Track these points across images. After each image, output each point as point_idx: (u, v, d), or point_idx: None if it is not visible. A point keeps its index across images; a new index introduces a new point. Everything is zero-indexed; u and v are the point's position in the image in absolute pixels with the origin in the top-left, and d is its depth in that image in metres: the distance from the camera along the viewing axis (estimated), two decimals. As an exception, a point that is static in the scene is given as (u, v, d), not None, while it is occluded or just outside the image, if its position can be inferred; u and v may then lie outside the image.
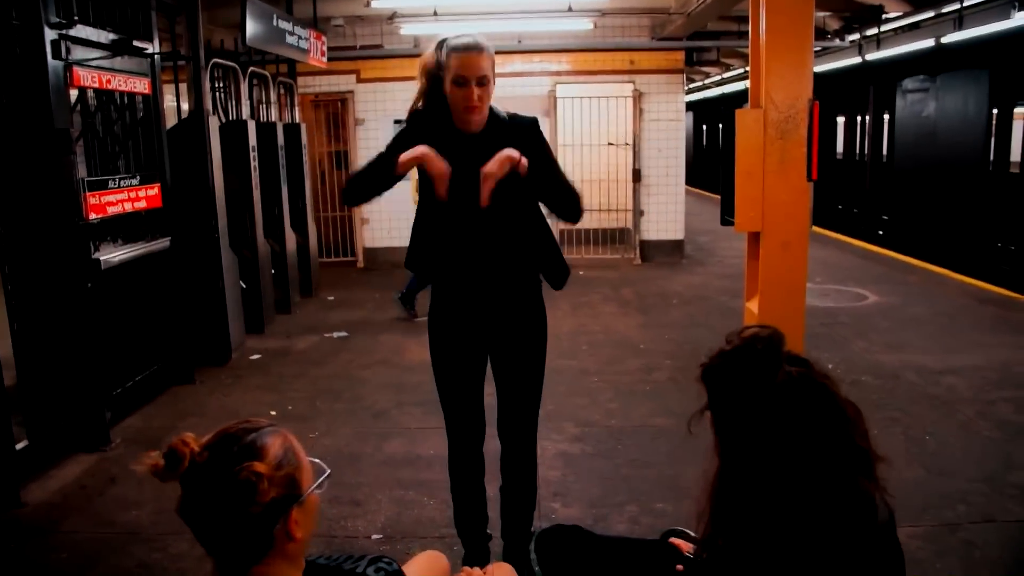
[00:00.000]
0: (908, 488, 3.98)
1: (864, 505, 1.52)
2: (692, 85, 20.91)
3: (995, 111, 11.23)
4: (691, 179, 13.77)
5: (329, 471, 1.62)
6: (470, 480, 3.23)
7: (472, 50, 2.78)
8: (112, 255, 4.95)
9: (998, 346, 6.53)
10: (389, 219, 11.09)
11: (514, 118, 2.96)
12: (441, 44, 2.88)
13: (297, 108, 9.31)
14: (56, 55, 4.42)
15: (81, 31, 4.65)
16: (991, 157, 11.42)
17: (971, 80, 11.56)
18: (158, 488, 1.51)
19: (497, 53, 2.91)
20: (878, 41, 12.18)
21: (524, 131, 2.91)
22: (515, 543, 3.24)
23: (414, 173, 2.96)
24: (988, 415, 5.01)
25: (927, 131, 12.81)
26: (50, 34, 4.39)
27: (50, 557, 3.55)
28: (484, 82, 2.78)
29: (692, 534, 2.14)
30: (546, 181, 2.87)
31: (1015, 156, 11.10)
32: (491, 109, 2.88)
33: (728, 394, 1.57)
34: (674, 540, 2.09)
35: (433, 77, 2.90)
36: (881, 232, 14.19)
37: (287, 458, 1.52)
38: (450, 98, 2.82)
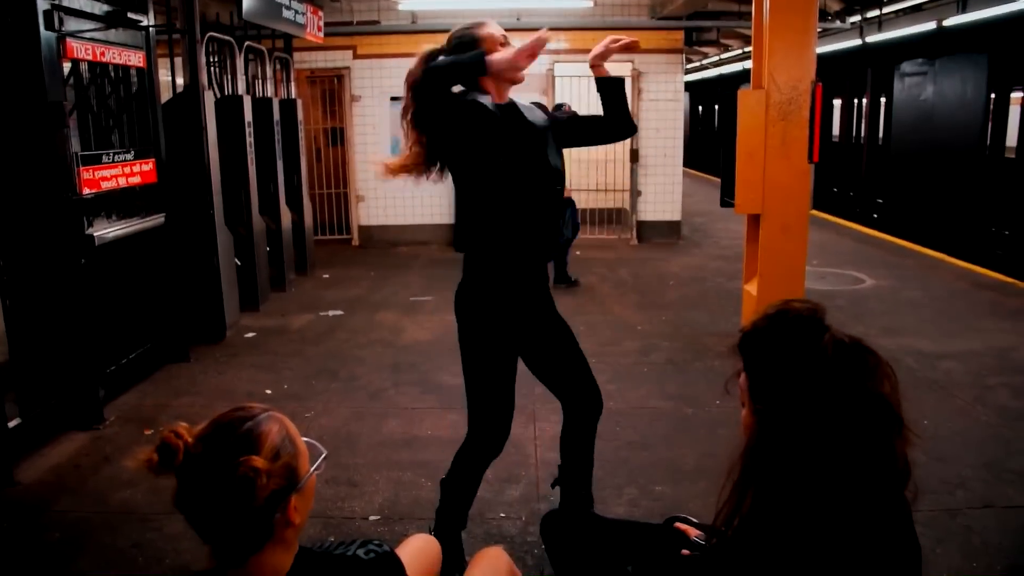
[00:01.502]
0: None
1: (899, 477, 1.49)
2: (689, 66, 20.79)
3: (993, 95, 11.20)
4: (687, 160, 13.71)
5: (326, 452, 1.59)
6: (474, 486, 3.20)
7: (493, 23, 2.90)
8: (106, 231, 4.89)
9: (995, 331, 6.52)
10: (384, 197, 11.04)
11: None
12: (430, 56, 2.82)
13: (293, 84, 9.21)
14: (49, 26, 4.34)
15: (74, 2, 4.57)
16: (988, 142, 11.40)
17: (970, 64, 11.51)
18: (152, 467, 1.48)
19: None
20: (879, 23, 12.10)
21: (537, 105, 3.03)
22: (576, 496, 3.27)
23: None
24: (986, 400, 5.00)
25: (924, 115, 12.77)
26: (42, 4, 4.29)
27: (43, 536, 3.52)
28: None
29: (695, 520, 2.12)
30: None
31: (1011, 141, 11.07)
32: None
33: (776, 358, 1.54)
34: (679, 525, 2.06)
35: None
36: (876, 216, 14.18)
37: (284, 447, 1.48)
38: (501, 61, 2.67)
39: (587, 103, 10.63)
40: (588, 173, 11.23)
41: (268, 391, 5.31)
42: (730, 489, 1.54)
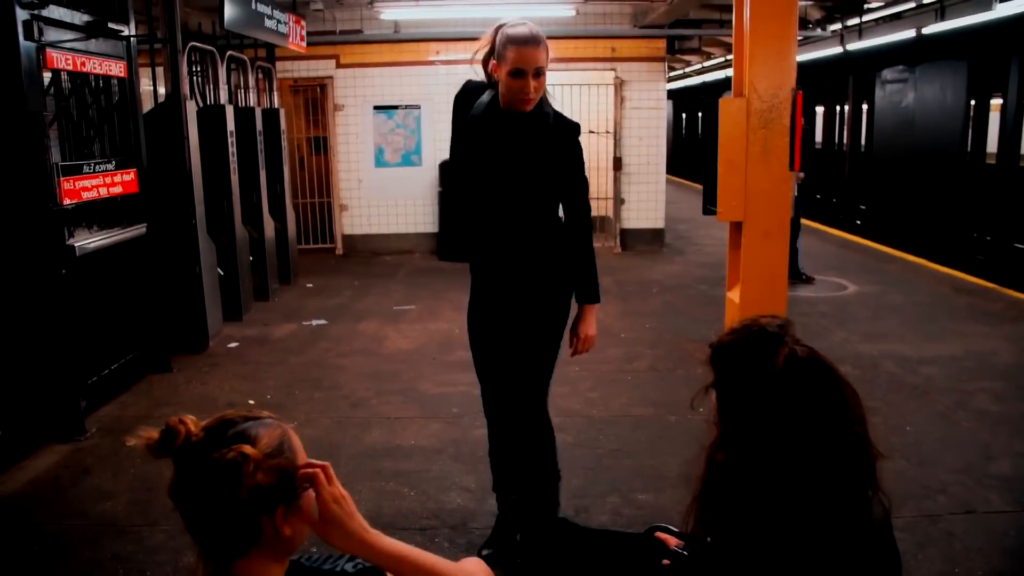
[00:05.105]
0: (889, 479, 3.95)
1: (856, 493, 1.50)
2: (672, 74, 20.88)
3: (972, 102, 11.29)
4: (670, 168, 13.77)
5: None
6: (503, 444, 3.37)
7: (530, 43, 2.90)
8: (87, 241, 4.86)
9: (975, 336, 6.57)
10: (368, 206, 11.03)
11: (559, 116, 3.11)
12: (497, 30, 2.98)
13: (276, 93, 9.20)
14: (28, 36, 4.32)
15: (54, 12, 4.54)
16: (968, 148, 11.49)
17: (950, 71, 11.60)
18: (133, 479, 1.48)
19: (478, 39, 3.01)
20: (860, 31, 12.21)
21: (566, 134, 3.11)
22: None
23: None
24: (967, 405, 5.04)
25: (905, 121, 12.86)
26: (22, 14, 4.28)
27: (23, 550, 3.49)
28: (540, 73, 2.93)
29: (676, 529, 2.12)
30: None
31: (991, 147, 11.16)
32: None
33: (736, 371, 1.56)
34: (660, 535, 2.06)
35: (485, 62, 3.05)
36: (859, 222, 14.26)
37: (280, 450, 1.48)
38: (503, 85, 2.96)
39: (570, 110, 10.68)
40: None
41: (251, 401, 5.29)
42: (693, 503, 1.56)
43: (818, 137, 16.88)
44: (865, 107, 14.58)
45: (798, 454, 1.47)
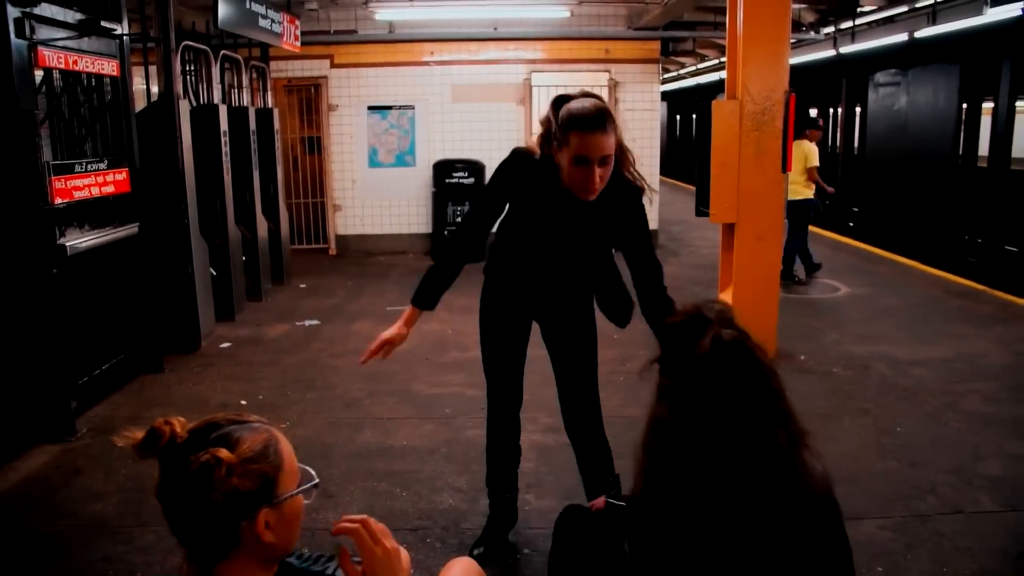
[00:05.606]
0: (879, 479, 4.02)
1: (783, 455, 1.56)
2: (666, 75, 20.90)
3: (964, 105, 11.34)
4: (664, 169, 13.79)
5: (317, 481, 1.56)
6: (504, 442, 3.38)
7: (596, 128, 2.62)
8: (79, 241, 4.85)
9: (966, 337, 6.59)
10: (361, 206, 11.02)
11: (619, 180, 2.88)
12: (557, 106, 2.72)
13: (270, 93, 9.19)
14: (20, 34, 4.30)
15: (46, 10, 4.53)
16: (960, 151, 11.54)
17: (942, 74, 11.65)
18: (123, 479, 1.48)
19: (472, 40, 2.96)
20: (852, 34, 12.24)
21: (628, 198, 2.93)
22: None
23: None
24: (957, 406, 5.06)
25: (898, 124, 12.90)
26: (13, 12, 4.26)
27: (12, 551, 3.47)
28: (606, 161, 2.68)
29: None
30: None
31: (983, 151, 11.21)
32: None
33: (672, 349, 1.69)
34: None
35: (542, 142, 2.82)
36: (852, 224, 14.30)
37: (263, 455, 1.46)
38: (564, 171, 2.72)
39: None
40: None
41: (243, 402, 5.28)
42: (637, 463, 1.68)
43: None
44: (858, 110, 14.63)
45: (722, 423, 1.55)
